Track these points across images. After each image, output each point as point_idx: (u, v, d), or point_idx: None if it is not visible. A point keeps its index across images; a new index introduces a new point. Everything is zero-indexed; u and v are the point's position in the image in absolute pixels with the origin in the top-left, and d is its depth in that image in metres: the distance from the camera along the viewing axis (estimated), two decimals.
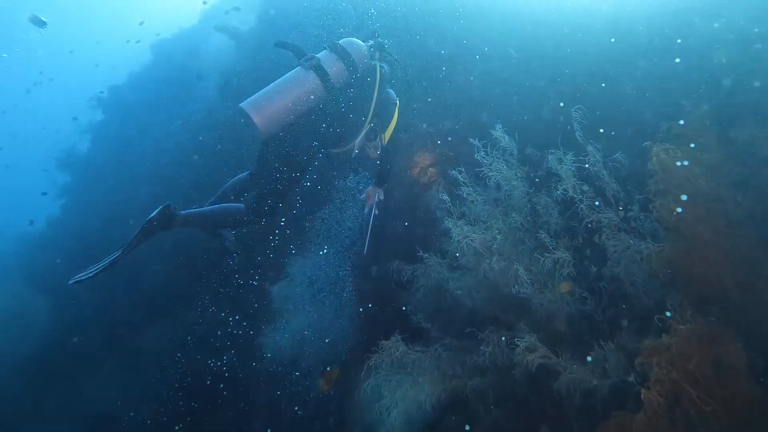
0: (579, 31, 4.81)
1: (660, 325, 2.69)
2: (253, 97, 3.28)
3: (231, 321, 5.98)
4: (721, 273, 2.76)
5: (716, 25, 4.28)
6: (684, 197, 2.89)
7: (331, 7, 6.61)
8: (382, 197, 3.88)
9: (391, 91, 3.73)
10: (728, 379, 2.52)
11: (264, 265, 5.80)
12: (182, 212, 3.41)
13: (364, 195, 3.96)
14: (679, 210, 2.89)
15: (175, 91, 9.99)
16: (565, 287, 3.15)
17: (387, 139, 3.58)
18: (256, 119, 3.16)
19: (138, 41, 12.62)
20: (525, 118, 4.32)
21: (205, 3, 12.13)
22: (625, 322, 3.19)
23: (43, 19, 12.34)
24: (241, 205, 3.52)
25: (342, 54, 3.45)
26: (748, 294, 2.86)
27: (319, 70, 3.36)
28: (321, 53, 3.49)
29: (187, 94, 9.62)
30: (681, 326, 2.48)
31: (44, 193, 13.93)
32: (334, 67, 3.41)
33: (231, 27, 8.70)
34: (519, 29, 5.18)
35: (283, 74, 3.42)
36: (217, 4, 12.66)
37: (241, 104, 3.23)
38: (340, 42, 3.53)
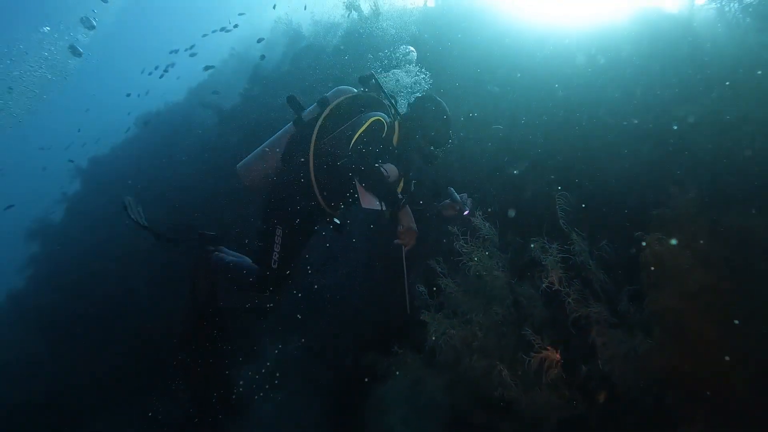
0: (560, 111, 4.86)
1: None
2: (246, 157, 3.40)
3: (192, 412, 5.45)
4: (730, 377, 2.51)
5: (691, 115, 4.35)
6: (681, 290, 2.70)
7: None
8: (413, 225, 3.04)
9: (379, 113, 3.24)
10: None
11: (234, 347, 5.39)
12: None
13: (397, 239, 3.07)
14: (676, 306, 2.69)
15: (155, 165, 9.93)
16: (602, 396, 2.89)
17: (352, 145, 2.96)
18: (245, 181, 3.33)
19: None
20: (505, 205, 4.21)
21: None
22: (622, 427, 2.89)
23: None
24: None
25: (323, 104, 3.33)
26: (762, 403, 2.60)
27: (298, 123, 3.31)
28: (308, 108, 3.44)
29: (166, 168, 9.54)
30: None
31: None
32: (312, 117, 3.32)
33: (215, 104, 8.79)
34: (498, 111, 5.23)
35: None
36: (204, 82, 13.04)
37: (238, 165, 3.38)
38: (327, 94, 3.44)
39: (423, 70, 4.00)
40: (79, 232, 10.97)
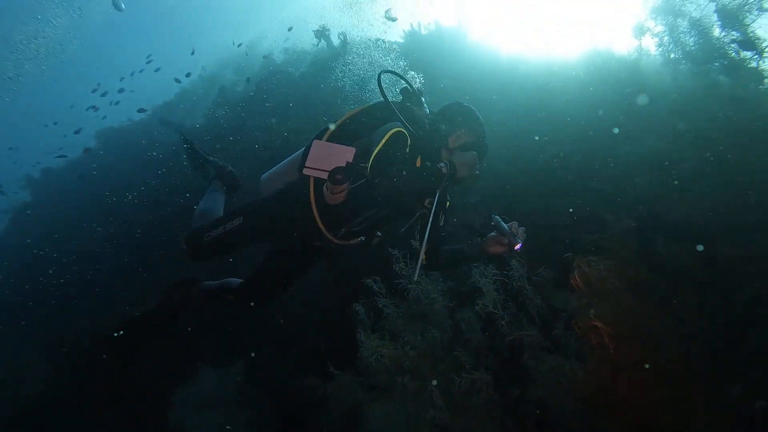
0: (509, 148, 5.02)
1: None
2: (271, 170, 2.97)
3: None
4: (651, 396, 2.58)
5: (633, 153, 4.60)
6: (607, 311, 2.79)
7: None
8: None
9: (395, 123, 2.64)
10: None
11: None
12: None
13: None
14: (602, 327, 2.77)
15: (109, 184, 9.60)
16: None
17: (369, 165, 2.33)
18: (265, 193, 2.85)
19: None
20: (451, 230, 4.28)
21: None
22: None
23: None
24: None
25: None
26: (681, 422, 2.67)
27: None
28: None
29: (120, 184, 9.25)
30: None
31: None
32: None
33: (175, 121, 8.71)
34: None
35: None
36: (171, 100, 12.94)
37: (262, 176, 2.93)
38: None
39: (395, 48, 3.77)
40: (23, 244, 10.46)
